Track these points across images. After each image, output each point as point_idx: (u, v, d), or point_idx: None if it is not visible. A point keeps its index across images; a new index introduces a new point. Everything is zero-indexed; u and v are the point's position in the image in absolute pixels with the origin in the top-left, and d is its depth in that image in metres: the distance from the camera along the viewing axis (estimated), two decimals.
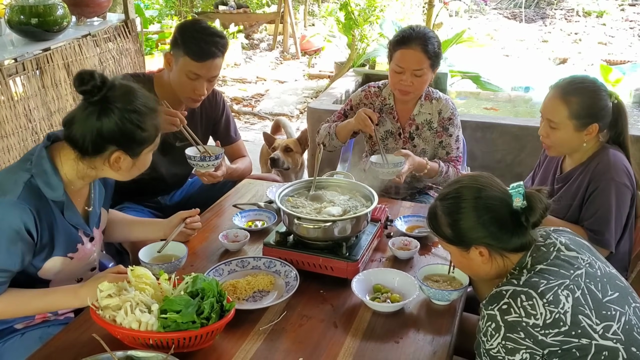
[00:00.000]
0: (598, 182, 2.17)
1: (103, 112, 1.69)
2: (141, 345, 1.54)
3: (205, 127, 2.77)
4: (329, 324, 1.76)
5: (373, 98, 2.92)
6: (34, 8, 3.47)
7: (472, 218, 1.58)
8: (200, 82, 2.50)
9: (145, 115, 1.74)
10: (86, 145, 1.71)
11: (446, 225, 1.63)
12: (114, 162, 1.75)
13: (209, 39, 2.45)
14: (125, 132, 1.71)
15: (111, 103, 1.70)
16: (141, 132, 1.74)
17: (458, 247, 1.64)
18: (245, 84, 8.47)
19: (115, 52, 4.24)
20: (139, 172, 1.87)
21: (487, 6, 12.82)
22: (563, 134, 2.19)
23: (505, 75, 7.26)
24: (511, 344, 1.45)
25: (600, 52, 9.77)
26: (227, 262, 2.00)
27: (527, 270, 1.55)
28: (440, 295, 1.84)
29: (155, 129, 1.79)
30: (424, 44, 2.64)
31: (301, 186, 2.22)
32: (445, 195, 1.65)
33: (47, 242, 1.77)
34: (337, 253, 1.96)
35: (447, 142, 2.86)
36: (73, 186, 1.83)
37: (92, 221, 1.94)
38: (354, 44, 7.17)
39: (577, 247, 1.62)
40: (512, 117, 4.89)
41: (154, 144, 1.82)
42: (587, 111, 2.15)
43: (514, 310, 1.46)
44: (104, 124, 1.69)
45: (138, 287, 1.65)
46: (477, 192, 1.59)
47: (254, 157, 4.23)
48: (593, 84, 2.21)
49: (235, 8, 10.85)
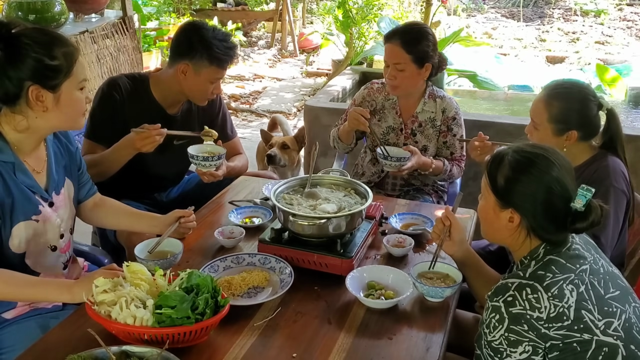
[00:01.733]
0: (596, 187, 2.14)
1: (8, 52, 1.72)
2: (136, 341, 1.55)
3: (202, 124, 2.78)
4: (323, 321, 1.77)
5: (376, 94, 2.96)
6: (32, 5, 3.48)
7: (531, 187, 1.55)
8: (218, 84, 2.62)
9: (51, 44, 1.75)
10: (4, 91, 1.73)
11: (504, 175, 1.59)
12: (36, 101, 1.75)
13: (230, 44, 2.55)
14: (33, 62, 1.72)
15: (15, 39, 1.72)
16: (50, 59, 1.73)
17: (497, 200, 1.61)
18: (243, 82, 8.47)
19: (113, 49, 4.25)
20: (75, 113, 1.87)
21: (485, 5, 12.83)
22: (542, 135, 2.21)
23: (503, 74, 7.28)
24: (514, 336, 1.46)
25: (598, 51, 9.79)
26: (223, 259, 2.01)
27: (535, 261, 1.55)
28: (433, 292, 1.85)
29: (68, 59, 1.78)
30: (403, 38, 2.72)
31: (296, 183, 2.23)
32: (522, 150, 1.61)
33: (4, 205, 1.79)
34: (331, 250, 1.97)
35: (451, 142, 2.90)
36: (20, 147, 1.83)
37: (50, 186, 1.94)
38: (351, 42, 7.18)
39: (584, 244, 1.63)
40: (508, 116, 4.90)
41: (74, 77, 1.81)
42: (566, 118, 2.15)
43: (518, 302, 1.46)
44: (11, 62, 1.71)
45: (133, 283, 1.66)
46: (551, 169, 1.56)
47: (251, 154, 4.25)
48: (580, 91, 2.20)
49: (233, 5, 10.84)
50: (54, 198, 1.95)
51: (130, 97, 2.57)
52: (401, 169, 2.65)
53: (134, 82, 2.61)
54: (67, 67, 1.78)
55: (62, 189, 2.00)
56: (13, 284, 1.76)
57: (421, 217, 2.36)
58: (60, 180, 1.99)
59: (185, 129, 2.68)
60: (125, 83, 2.58)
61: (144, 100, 2.60)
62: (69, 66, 1.79)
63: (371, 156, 3.05)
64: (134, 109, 2.57)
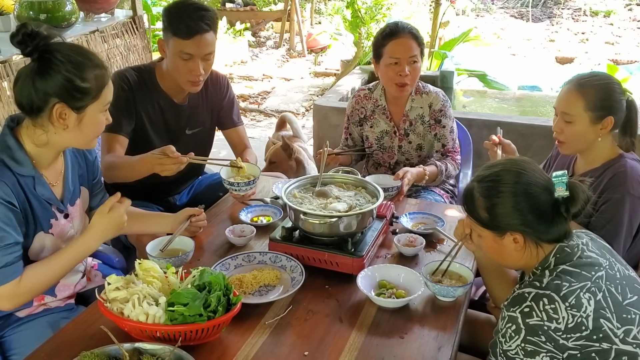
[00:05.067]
0: (612, 193, 2.12)
1: (41, 65, 1.70)
2: (148, 338, 1.56)
3: (210, 111, 2.76)
4: (335, 319, 1.77)
5: (364, 102, 2.98)
6: (43, 4, 3.50)
7: (510, 203, 1.53)
8: (195, 62, 2.42)
9: (84, 65, 1.73)
10: (29, 102, 1.72)
11: (483, 208, 1.58)
12: (59, 118, 1.73)
13: (194, 14, 2.38)
14: (63, 80, 1.70)
15: (49, 54, 1.70)
16: (80, 81, 1.71)
17: (493, 232, 1.59)
18: (251, 82, 8.48)
19: (123, 48, 4.27)
20: (93, 134, 1.85)
21: (494, 5, 12.79)
22: (579, 127, 2.16)
23: (512, 74, 7.26)
24: (531, 346, 1.44)
25: (607, 51, 9.74)
26: (234, 257, 2.02)
27: (549, 271, 1.52)
28: (445, 291, 1.84)
29: (98, 82, 1.76)
30: (412, 31, 2.74)
31: (307, 182, 2.23)
32: (483, 177, 1.60)
33: (26, 218, 1.79)
34: (342, 249, 1.97)
35: (441, 133, 2.89)
36: (38, 160, 1.82)
37: (66, 197, 1.94)
38: (360, 42, 7.17)
39: (598, 248, 1.60)
40: (518, 116, 4.88)
41: (100, 100, 1.78)
42: (603, 103, 2.12)
43: (536, 313, 1.44)
44: (42, 75, 1.69)
45: (146, 280, 1.67)
46: (517, 177, 1.55)
47: (260, 154, 4.24)
48: (607, 78, 2.21)
49: (242, 6, 10.86)
50: (69, 209, 1.95)
51: (138, 88, 2.55)
52: (400, 194, 2.56)
53: (141, 73, 2.58)
54: (97, 90, 1.76)
55: (77, 199, 2.01)
56: (48, 267, 1.79)
57: (432, 217, 2.35)
58: (75, 191, 1.99)
59: (194, 117, 2.66)
60: (132, 74, 2.56)
61: (151, 91, 2.58)
62: (99, 90, 1.77)
63: (371, 161, 3.08)
64: (142, 100, 2.55)
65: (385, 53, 2.74)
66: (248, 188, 2.44)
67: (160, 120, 2.60)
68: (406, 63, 2.71)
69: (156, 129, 2.60)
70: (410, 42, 2.71)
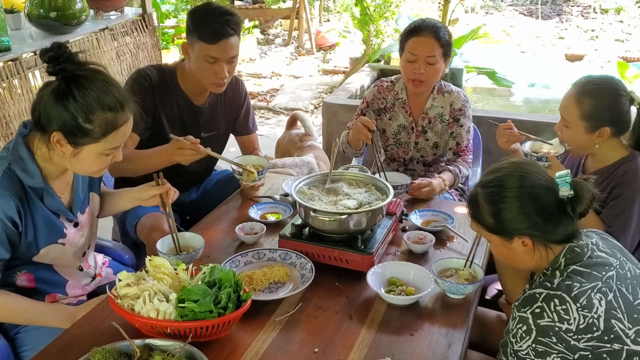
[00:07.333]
0: (623, 189, 2.12)
1: (59, 90, 1.67)
2: (159, 334, 1.56)
3: (228, 115, 2.77)
4: (344, 316, 1.77)
5: (385, 93, 2.95)
6: (53, 2, 3.51)
7: (515, 208, 1.52)
8: (220, 65, 2.44)
9: (96, 107, 1.67)
10: (37, 117, 1.70)
11: (488, 214, 1.57)
12: (55, 143, 1.69)
13: (219, 19, 2.39)
14: (67, 114, 1.66)
15: (71, 82, 1.66)
16: (83, 121, 1.66)
17: (500, 237, 1.58)
18: (260, 79, 8.49)
19: (133, 46, 4.28)
20: (91, 170, 1.83)
21: (503, 2, 12.73)
22: (574, 133, 2.17)
23: (521, 71, 7.23)
24: (542, 347, 1.44)
25: (617, 49, 9.67)
26: (244, 254, 2.02)
27: (559, 271, 1.52)
28: (455, 288, 1.84)
29: (105, 126, 1.70)
30: (435, 31, 2.69)
31: (317, 179, 2.23)
32: (487, 183, 1.59)
33: (31, 230, 1.79)
34: (352, 246, 1.97)
35: (457, 132, 2.87)
36: (47, 173, 1.81)
37: (75, 206, 1.93)
38: (369, 39, 7.16)
39: (609, 248, 1.59)
40: (528, 113, 4.87)
41: (102, 144, 1.73)
42: (599, 114, 2.11)
43: (547, 314, 1.43)
44: (54, 100, 1.66)
45: (156, 277, 1.67)
46: (520, 180, 1.54)
47: (270, 152, 4.25)
48: (611, 86, 2.16)
49: (250, 3, 10.85)
50: (79, 218, 1.95)
51: (158, 87, 2.54)
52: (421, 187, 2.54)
53: (162, 72, 2.58)
54: (99, 134, 1.70)
55: (87, 207, 2.00)
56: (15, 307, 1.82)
57: (442, 214, 2.35)
58: (85, 199, 1.99)
59: (211, 120, 2.67)
60: (154, 73, 2.55)
61: (171, 91, 2.58)
62: (103, 134, 1.71)
63: (385, 156, 3.05)
64: (161, 100, 2.55)
65: (406, 48, 2.74)
66: (257, 178, 2.46)
67: (178, 120, 2.61)
68: (423, 62, 2.68)
69: (173, 129, 2.60)
70: (431, 42, 2.67)
